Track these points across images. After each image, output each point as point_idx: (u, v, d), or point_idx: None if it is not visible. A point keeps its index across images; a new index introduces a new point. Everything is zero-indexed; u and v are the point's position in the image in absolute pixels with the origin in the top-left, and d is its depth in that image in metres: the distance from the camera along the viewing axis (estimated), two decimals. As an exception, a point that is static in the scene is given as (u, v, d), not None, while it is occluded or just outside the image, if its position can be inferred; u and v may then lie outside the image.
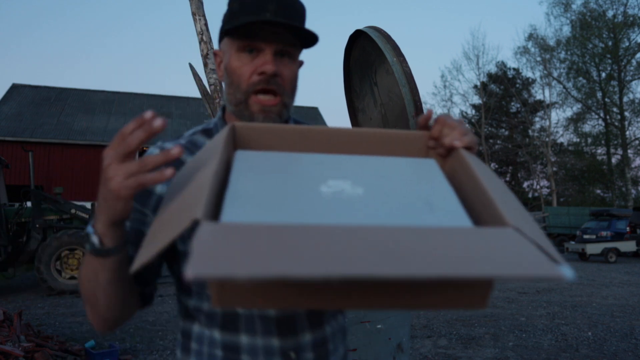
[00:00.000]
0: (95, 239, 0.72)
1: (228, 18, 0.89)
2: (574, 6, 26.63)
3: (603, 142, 28.98)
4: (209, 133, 0.97)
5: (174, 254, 0.88)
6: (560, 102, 29.34)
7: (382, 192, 0.61)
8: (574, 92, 28.62)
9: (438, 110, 31.83)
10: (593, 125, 29.50)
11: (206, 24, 2.43)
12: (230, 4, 0.90)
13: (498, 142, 32.91)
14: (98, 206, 0.70)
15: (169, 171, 0.61)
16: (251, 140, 0.74)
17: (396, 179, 0.65)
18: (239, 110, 0.90)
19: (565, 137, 31.88)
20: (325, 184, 0.61)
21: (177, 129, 25.89)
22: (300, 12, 0.89)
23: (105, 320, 0.82)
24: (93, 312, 0.81)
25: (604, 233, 15.31)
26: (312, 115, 25.27)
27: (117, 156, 0.63)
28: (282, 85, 0.89)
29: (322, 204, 0.57)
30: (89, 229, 0.74)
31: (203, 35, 2.41)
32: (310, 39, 0.89)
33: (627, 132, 27.61)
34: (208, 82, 2.47)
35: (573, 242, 15.38)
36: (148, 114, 0.62)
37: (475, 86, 31.57)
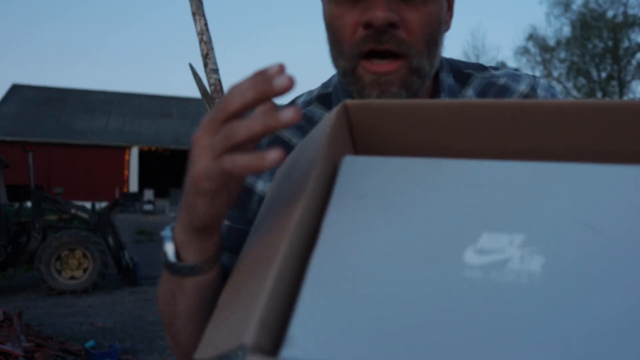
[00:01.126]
0: (170, 248, 0.48)
1: None
2: (574, 6, 26.63)
3: (603, 142, 29.00)
4: (327, 102, 0.71)
5: None
6: (560, 102, 29.41)
7: (577, 270, 0.31)
8: (574, 92, 28.64)
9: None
10: (593, 125, 29.54)
11: (206, 24, 2.43)
12: None
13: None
14: (181, 201, 0.47)
15: (272, 155, 0.36)
16: (373, 130, 0.46)
17: (607, 228, 0.33)
18: (348, 83, 0.63)
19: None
20: (475, 245, 0.34)
21: (177, 129, 25.91)
22: None
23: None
24: (174, 345, 0.60)
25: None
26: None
27: (209, 124, 0.39)
28: (406, 41, 0.57)
29: (458, 307, 0.31)
30: (166, 231, 0.50)
31: (203, 35, 2.41)
32: None
33: (627, 132, 27.66)
34: (208, 82, 2.47)
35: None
36: (273, 69, 0.37)
37: (475, 86, 31.53)
